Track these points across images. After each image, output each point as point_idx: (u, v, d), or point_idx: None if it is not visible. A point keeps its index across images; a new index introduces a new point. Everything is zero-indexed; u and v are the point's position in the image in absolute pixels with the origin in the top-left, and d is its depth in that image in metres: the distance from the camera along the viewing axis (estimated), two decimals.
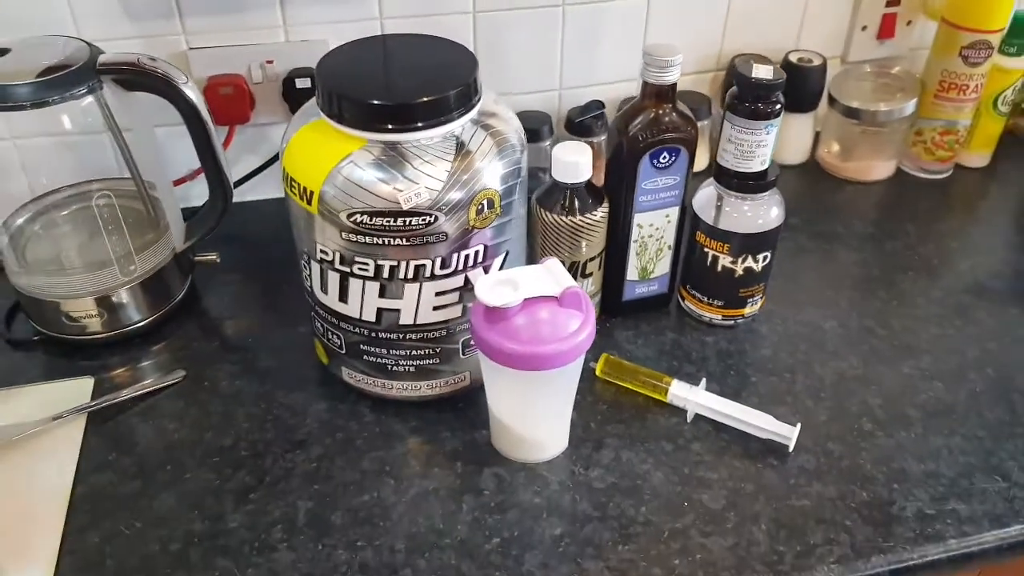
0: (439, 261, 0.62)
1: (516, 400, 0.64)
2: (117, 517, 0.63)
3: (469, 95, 0.61)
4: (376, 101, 0.58)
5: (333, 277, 0.64)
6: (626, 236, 0.75)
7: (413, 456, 0.68)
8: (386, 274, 0.62)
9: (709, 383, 0.72)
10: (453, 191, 0.59)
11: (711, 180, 0.76)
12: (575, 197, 0.70)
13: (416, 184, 0.58)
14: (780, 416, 0.69)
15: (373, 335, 0.66)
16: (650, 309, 0.81)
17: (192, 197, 0.89)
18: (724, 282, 0.77)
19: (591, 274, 0.75)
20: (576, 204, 0.71)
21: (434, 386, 0.70)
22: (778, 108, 0.70)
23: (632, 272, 0.78)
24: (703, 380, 0.72)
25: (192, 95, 0.72)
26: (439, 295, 0.64)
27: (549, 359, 0.59)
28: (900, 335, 0.79)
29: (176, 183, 0.87)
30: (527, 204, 0.68)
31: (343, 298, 0.65)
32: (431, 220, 0.59)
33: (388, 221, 0.59)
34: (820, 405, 0.72)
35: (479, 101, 0.62)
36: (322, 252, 0.63)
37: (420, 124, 0.59)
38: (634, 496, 0.64)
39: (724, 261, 0.75)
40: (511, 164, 0.62)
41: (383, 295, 0.64)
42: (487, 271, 0.65)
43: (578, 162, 0.69)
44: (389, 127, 0.59)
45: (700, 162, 0.98)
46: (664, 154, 0.71)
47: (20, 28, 0.75)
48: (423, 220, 0.59)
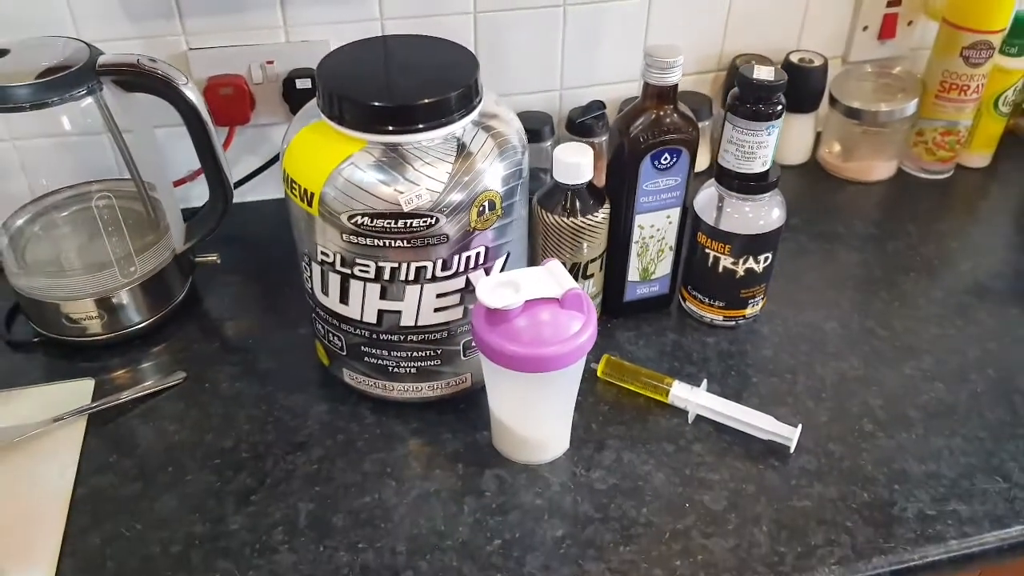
0: (440, 263, 0.62)
1: (517, 401, 0.64)
2: (118, 519, 0.63)
3: (470, 96, 0.61)
4: (377, 102, 0.58)
5: (334, 279, 0.64)
6: (627, 237, 0.75)
7: (414, 458, 0.68)
8: (387, 276, 0.62)
9: (710, 384, 0.72)
10: (454, 193, 0.59)
11: (712, 181, 0.76)
12: (576, 198, 0.70)
13: (417, 186, 0.58)
14: (781, 417, 0.69)
15: (374, 337, 0.66)
16: (651, 310, 0.81)
17: (192, 198, 0.89)
18: (725, 283, 0.76)
19: (592, 275, 0.75)
20: (577, 205, 0.70)
21: (435, 387, 0.70)
22: (779, 109, 0.70)
23: (633, 273, 0.78)
24: (704, 381, 0.72)
25: (192, 96, 0.72)
26: (440, 297, 0.64)
27: (550, 361, 0.59)
28: (901, 336, 0.79)
29: (176, 184, 0.87)
30: (528, 205, 0.68)
31: (344, 300, 0.65)
32: (432, 222, 0.59)
33: (389, 223, 0.59)
34: (821, 406, 0.72)
35: (480, 102, 0.62)
36: (323, 254, 0.63)
37: (421, 125, 0.59)
38: (635, 497, 0.64)
39: (725, 262, 0.75)
40: (512, 165, 0.62)
41: (384, 297, 0.64)
42: (488, 273, 0.64)
43: (579, 163, 0.69)
44: (390, 128, 0.58)
45: (701, 162, 0.98)
46: (665, 155, 0.71)
47: (20, 29, 0.75)
48: (424, 222, 0.59)
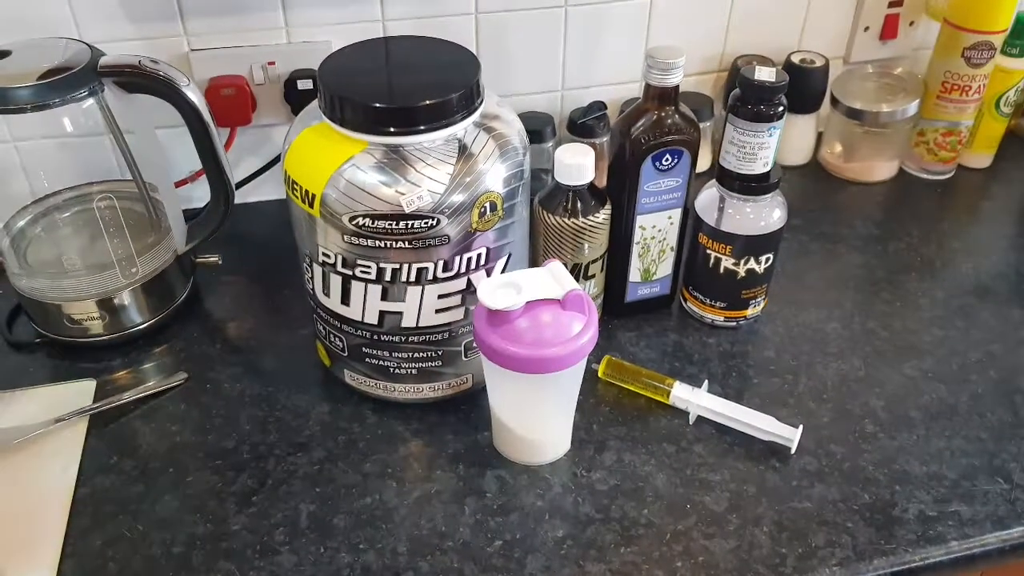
0: (441, 264, 0.62)
1: (518, 402, 0.64)
2: (119, 520, 0.63)
3: (471, 97, 0.61)
4: (378, 104, 0.58)
5: (335, 280, 0.64)
6: (628, 238, 0.75)
7: (415, 458, 0.68)
8: (388, 277, 0.62)
9: (711, 385, 0.72)
10: (455, 194, 0.59)
11: (713, 182, 0.76)
12: (577, 199, 0.70)
13: (418, 187, 0.58)
14: (782, 418, 0.69)
15: (375, 338, 0.66)
16: (652, 311, 0.81)
17: (194, 199, 0.89)
18: (726, 284, 0.76)
19: (593, 276, 0.75)
20: (578, 206, 0.70)
21: (436, 388, 0.70)
22: (781, 110, 0.70)
23: (634, 274, 0.78)
24: (705, 382, 0.72)
25: (193, 97, 0.72)
26: (441, 298, 0.64)
27: (552, 362, 0.59)
28: (902, 336, 0.79)
29: (177, 185, 0.87)
30: (529, 206, 0.68)
31: (345, 301, 0.65)
32: (433, 223, 0.59)
33: (390, 224, 0.59)
34: (822, 407, 0.72)
35: (481, 103, 0.62)
36: (324, 255, 0.63)
37: (422, 127, 0.59)
38: (636, 498, 0.64)
39: (726, 263, 0.75)
40: (514, 166, 0.62)
41: (385, 298, 0.64)
42: (490, 274, 0.64)
43: (580, 164, 0.69)
44: (391, 130, 0.58)
45: (702, 163, 0.98)
46: (666, 156, 0.71)
47: (21, 30, 0.75)
48: (425, 223, 0.59)
